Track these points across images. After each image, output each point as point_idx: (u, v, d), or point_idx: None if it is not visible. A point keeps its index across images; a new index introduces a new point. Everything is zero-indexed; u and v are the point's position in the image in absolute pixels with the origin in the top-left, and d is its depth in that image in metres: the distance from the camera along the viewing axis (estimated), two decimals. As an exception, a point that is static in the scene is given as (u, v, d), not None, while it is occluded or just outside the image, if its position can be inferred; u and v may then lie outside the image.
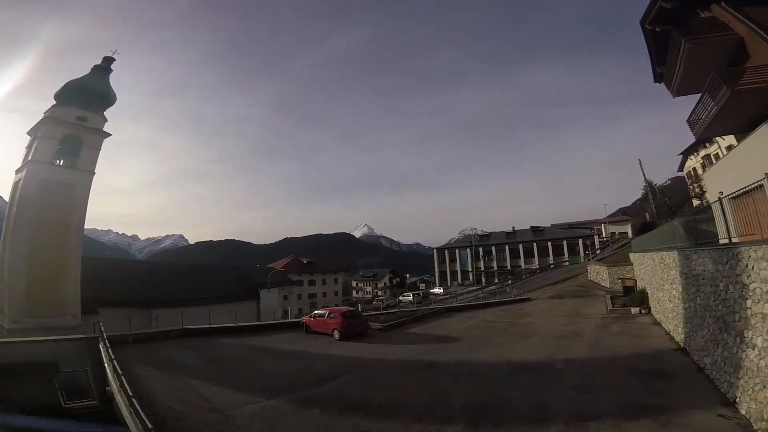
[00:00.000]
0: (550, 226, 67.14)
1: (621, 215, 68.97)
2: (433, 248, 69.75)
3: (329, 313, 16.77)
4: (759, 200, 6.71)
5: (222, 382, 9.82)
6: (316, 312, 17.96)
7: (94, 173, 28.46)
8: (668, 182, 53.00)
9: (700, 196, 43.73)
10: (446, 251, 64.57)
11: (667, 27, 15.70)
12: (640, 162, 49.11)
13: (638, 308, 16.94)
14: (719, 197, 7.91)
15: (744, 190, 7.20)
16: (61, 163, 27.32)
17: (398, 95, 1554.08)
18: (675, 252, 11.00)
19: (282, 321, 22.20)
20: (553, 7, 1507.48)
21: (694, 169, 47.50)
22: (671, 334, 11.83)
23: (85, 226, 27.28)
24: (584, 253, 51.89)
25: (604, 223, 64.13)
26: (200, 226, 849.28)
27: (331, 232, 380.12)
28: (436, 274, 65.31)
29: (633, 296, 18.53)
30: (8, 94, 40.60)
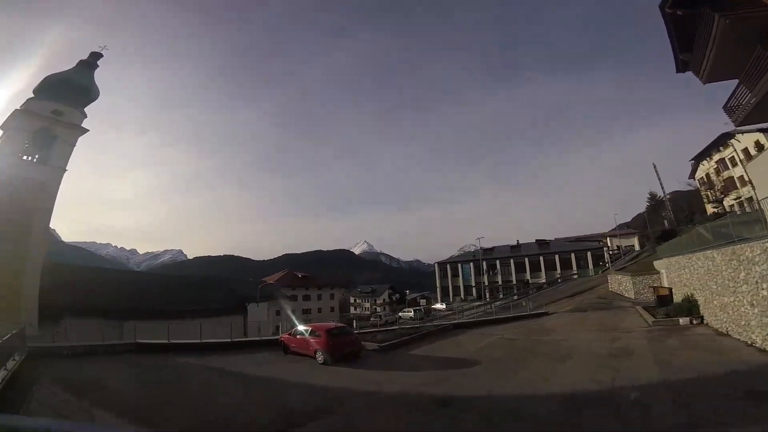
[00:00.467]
0: (554, 239, 64.61)
1: (625, 229, 67.92)
2: (433, 264, 66.69)
3: (312, 330, 13.54)
4: None
5: (145, 417, 6.93)
6: (297, 329, 14.68)
7: (66, 170, 26.62)
8: (668, 196, 54.67)
9: (719, 201, 41.45)
10: (448, 265, 61.72)
11: (689, 10, 14.04)
12: (655, 166, 47.36)
13: (687, 318, 14.43)
14: None
15: None
16: (30, 159, 25.44)
17: (399, 111, 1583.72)
18: (768, 239, 8.28)
19: (258, 339, 19.01)
20: (552, 7, 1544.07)
21: (708, 174, 45.43)
22: (758, 345, 9.41)
23: (85, 239, 25.45)
24: (597, 264, 49.16)
25: (610, 236, 62.19)
26: (199, 242, 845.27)
27: (331, 249, 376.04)
28: (438, 290, 62.24)
29: (678, 305, 15.80)
30: (11, 98, 39.15)
